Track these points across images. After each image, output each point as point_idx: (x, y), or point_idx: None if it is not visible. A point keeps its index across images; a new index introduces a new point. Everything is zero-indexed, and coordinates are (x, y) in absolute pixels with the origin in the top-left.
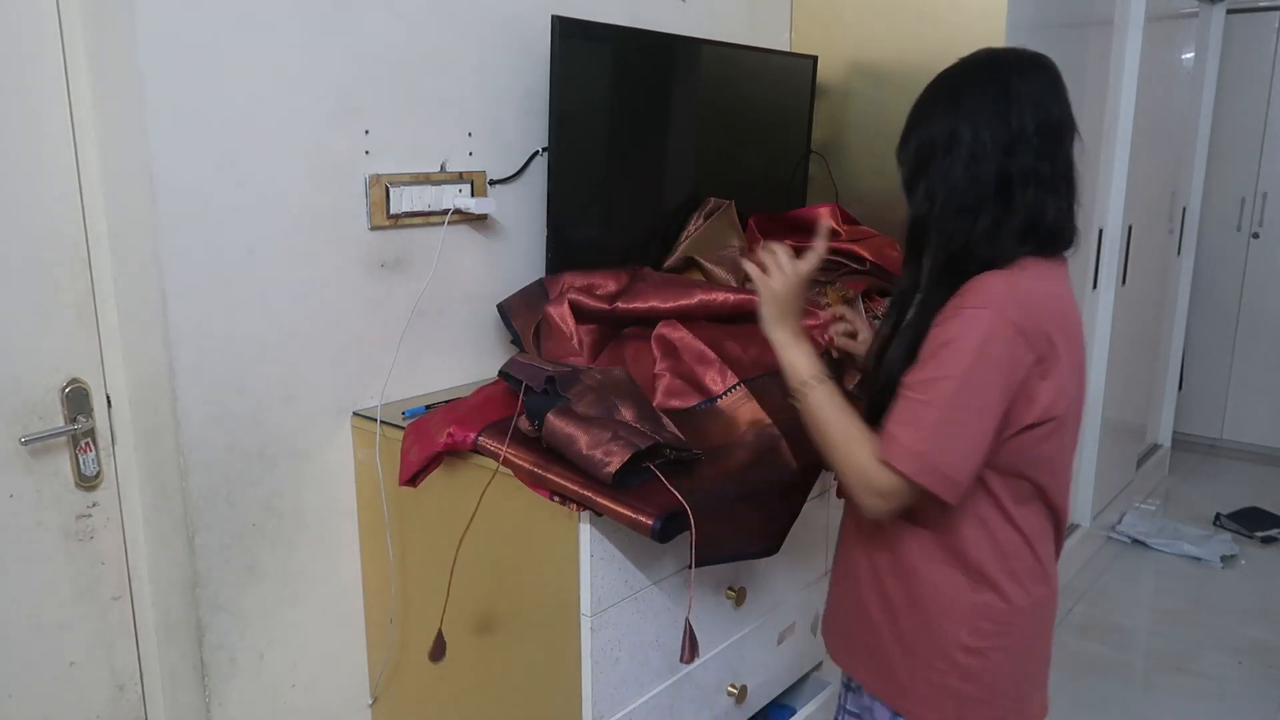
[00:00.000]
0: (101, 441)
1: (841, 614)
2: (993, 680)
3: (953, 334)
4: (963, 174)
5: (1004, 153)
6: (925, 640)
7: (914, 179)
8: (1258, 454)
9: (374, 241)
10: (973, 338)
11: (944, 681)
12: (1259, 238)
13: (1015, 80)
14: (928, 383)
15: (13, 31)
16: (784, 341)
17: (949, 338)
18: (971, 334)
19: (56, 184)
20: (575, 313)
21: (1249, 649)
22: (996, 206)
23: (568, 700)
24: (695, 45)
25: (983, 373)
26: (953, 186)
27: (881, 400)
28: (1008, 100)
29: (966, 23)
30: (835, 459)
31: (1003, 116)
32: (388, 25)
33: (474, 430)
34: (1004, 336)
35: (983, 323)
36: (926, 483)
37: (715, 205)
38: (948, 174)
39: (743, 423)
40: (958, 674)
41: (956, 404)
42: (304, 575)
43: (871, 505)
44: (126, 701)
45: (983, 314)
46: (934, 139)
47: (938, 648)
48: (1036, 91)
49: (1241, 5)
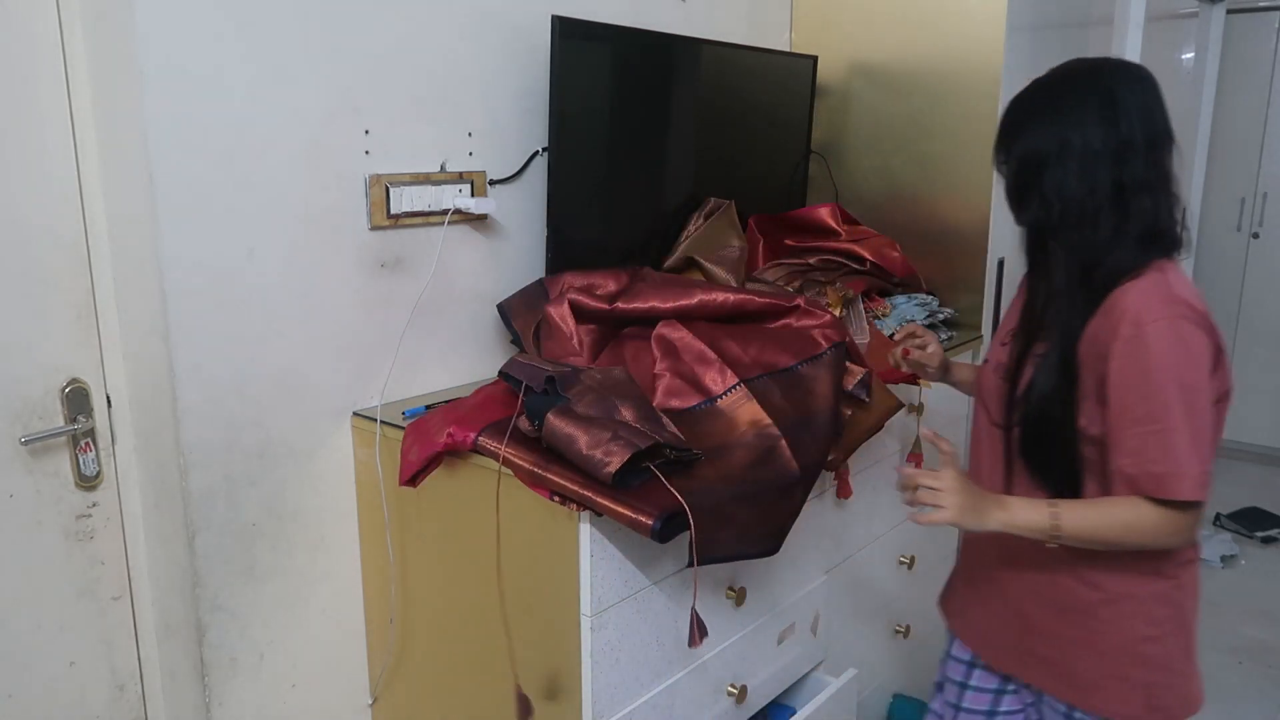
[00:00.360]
0: (101, 441)
1: (999, 625)
2: (1170, 662)
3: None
4: (1077, 182)
5: (1115, 160)
6: (1105, 638)
7: (1023, 189)
8: (1258, 454)
9: (374, 241)
10: (1166, 351)
11: (1129, 674)
12: (1259, 238)
13: (1120, 89)
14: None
15: (13, 32)
16: (1005, 520)
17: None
18: (1162, 348)
19: (56, 184)
20: (575, 313)
21: (1249, 649)
22: (1114, 214)
23: (568, 700)
24: (695, 45)
25: (1189, 377)
26: (1069, 195)
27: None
28: (1114, 108)
29: (966, 23)
30: (1132, 543)
31: (1111, 124)
32: (388, 25)
33: (474, 430)
34: (1186, 336)
35: (1165, 334)
36: (1203, 497)
37: (715, 205)
38: (1062, 183)
39: (743, 423)
40: (1141, 664)
41: (1190, 417)
42: (304, 575)
43: (1180, 543)
44: (126, 701)
45: (1160, 325)
46: (1042, 148)
47: (1119, 643)
48: (1142, 100)
49: (1241, 5)
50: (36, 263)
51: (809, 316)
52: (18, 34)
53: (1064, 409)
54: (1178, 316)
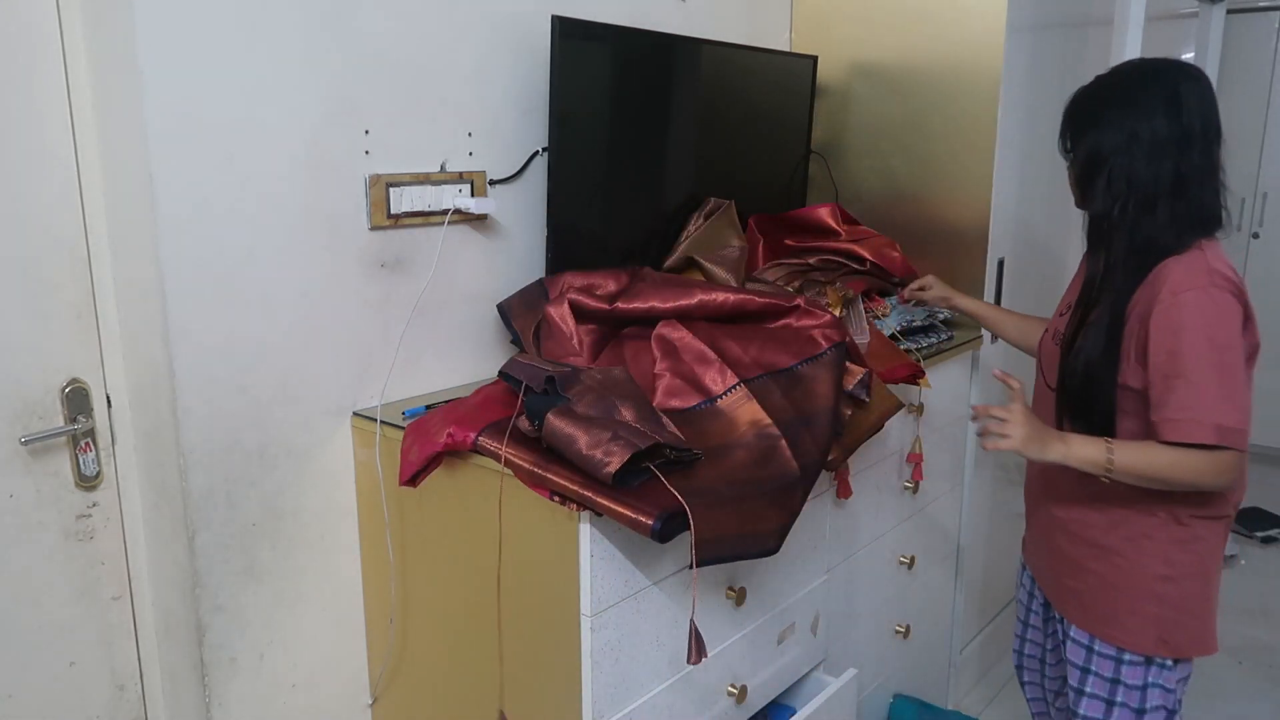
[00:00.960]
0: (101, 441)
1: (1045, 559)
2: (1185, 604)
3: (1183, 319)
4: (1144, 170)
5: (1178, 150)
6: (1125, 575)
7: (1091, 177)
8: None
9: (374, 241)
10: (1197, 314)
11: (1146, 609)
12: (1259, 238)
13: (1182, 86)
14: (1180, 367)
15: (13, 32)
16: (1064, 452)
17: (1181, 323)
18: (1194, 311)
19: (56, 184)
20: (575, 313)
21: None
22: (1173, 199)
23: (568, 700)
24: (695, 45)
25: (1220, 336)
26: (1136, 181)
27: (1081, 385)
28: (1178, 104)
29: (966, 23)
30: (1178, 481)
31: (1175, 117)
32: (388, 25)
33: (474, 430)
34: (1218, 301)
35: (1199, 299)
36: (1232, 443)
37: (715, 205)
38: (1130, 170)
39: (743, 423)
40: (1155, 601)
41: (1220, 371)
42: (304, 575)
43: (1223, 484)
44: (126, 701)
45: (1195, 293)
46: (1111, 139)
47: (1140, 582)
48: (1200, 96)
49: (1241, 5)
50: (36, 263)
51: (809, 316)
52: (18, 34)
53: (1107, 367)
54: (1211, 285)
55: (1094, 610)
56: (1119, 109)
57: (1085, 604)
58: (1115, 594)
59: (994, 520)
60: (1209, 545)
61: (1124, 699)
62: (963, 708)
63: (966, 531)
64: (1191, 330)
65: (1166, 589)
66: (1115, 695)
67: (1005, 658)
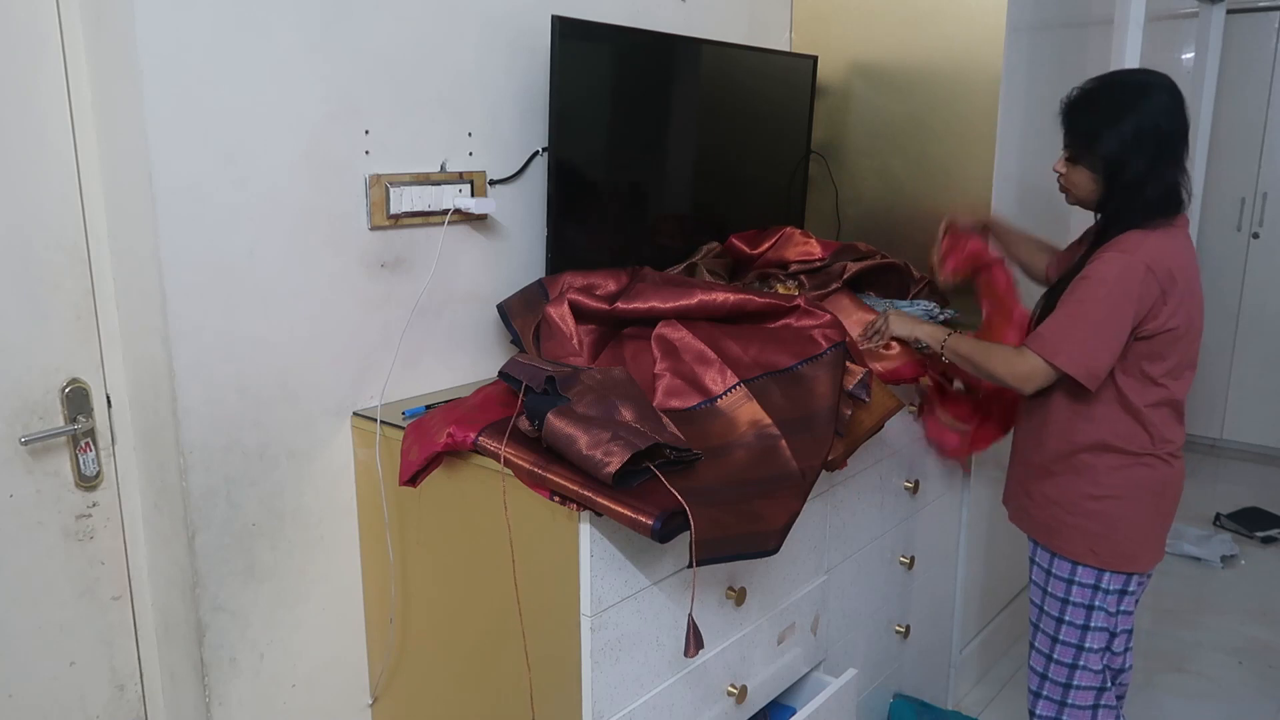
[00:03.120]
0: (101, 441)
1: (1017, 490)
2: (1111, 521)
3: (1097, 270)
4: (1149, 163)
5: (1177, 143)
6: (1066, 494)
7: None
8: (1258, 454)
9: (374, 241)
10: (1110, 273)
11: (1077, 523)
12: (1259, 238)
13: (1177, 91)
14: (1074, 302)
15: (13, 32)
16: (916, 328)
17: (1091, 273)
18: (1109, 270)
19: (56, 184)
20: (575, 313)
21: (1249, 649)
22: (1152, 183)
23: (568, 700)
24: (695, 45)
25: (1115, 296)
26: (1140, 171)
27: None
28: (1179, 105)
29: (966, 23)
30: (990, 368)
31: (1176, 117)
32: (388, 25)
33: (474, 430)
34: (1136, 273)
35: (1119, 263)
36: (1062, 364)
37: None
38: (1139, 161)
39: (743, 423)
40: (1085, 516)
41: (1094, 316)
42: (304, 575)
43: (1019, 387)
44: (126, 701)
45: (1121, 257)
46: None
47: (1073, 499)
48: (1171, 101)
49: (1241, 5)
50: (36, 263)
51: (809, 316)
52: (18, 34)
53: None
54: (1135, 260)
55: (1039, 521)
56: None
57: (1034, 517)
58: (1054, 509)
59: (994, 520)
60: (1140, 475)
61: (1071, 617)
62: (963, 708)
63: (966, 531)
64: (1096, 283)
65: (1094, 506)
66: (1064, 613)
67: (1005, 658)
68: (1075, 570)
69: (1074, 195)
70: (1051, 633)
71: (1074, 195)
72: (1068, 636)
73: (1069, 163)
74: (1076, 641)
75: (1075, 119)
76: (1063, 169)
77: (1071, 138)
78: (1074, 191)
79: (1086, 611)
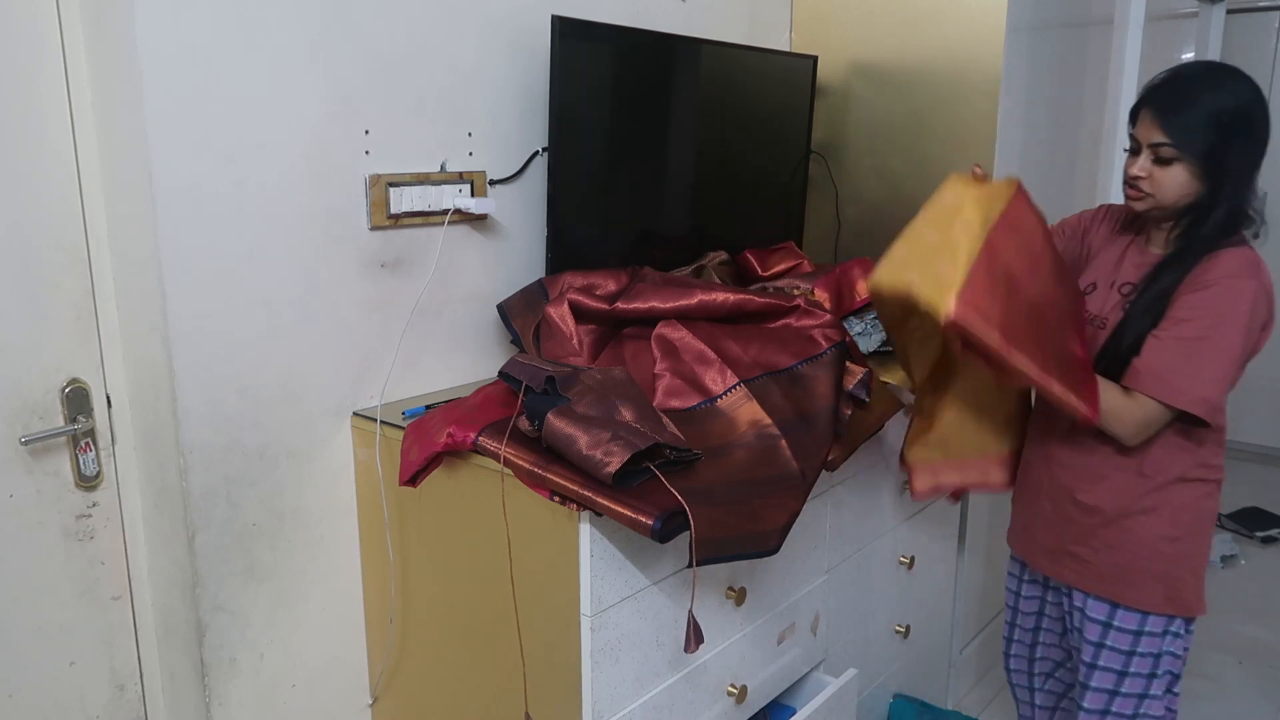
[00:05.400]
0: (101, 441)
1: (1053, 535)
2: (1186, 563)
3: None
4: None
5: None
6: (1145, 537)
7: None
8: (1258, 454)
9: (374, 241)
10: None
11: (1155, 569)
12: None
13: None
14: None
15: (13, 32)
16: None
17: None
18: (1242, 300)
19: (56, 184)
20: (575, 313)
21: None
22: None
23: (568, 700)
24: (695, 45)
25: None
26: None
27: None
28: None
29: (966, 23)
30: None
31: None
32: (387, 25)
33: (474, 430)
34: (1265, 300)
35: (1251, 291)
36: (1185, 405)
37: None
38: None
39: (743, 423)
40: (1163, 560)
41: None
42: (304, 575)
43: (1126, 438)
44: (126, 701)
45: (1252, 283)
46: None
47: (1151, 542)
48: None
49: (1241, 5)
50: (36, 263)
51: (809, 316)
52: (18, 33)
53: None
54: (1259, 285)
55: (1100, 573)
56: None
57: (1093, 567)
58: (1127, 555)
59: (994, 520)
60: (1210, 507)
61: (1136, 668)
62: (963, 708)
63: (966, 532)
64: (1235, 317)
65: (1170, 549)
66: (1129, 666)
67: None
68: (1145, 620)
69: (1154, 200)
70: (1110, 687)
71: (1154, 200)
72: (1130, 688)
73: (1159, 164)
74: (1140, 691)
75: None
76: (1146, 171)
77: (1178, 134)
78: (1159, 195)
79: (1154, 660)
